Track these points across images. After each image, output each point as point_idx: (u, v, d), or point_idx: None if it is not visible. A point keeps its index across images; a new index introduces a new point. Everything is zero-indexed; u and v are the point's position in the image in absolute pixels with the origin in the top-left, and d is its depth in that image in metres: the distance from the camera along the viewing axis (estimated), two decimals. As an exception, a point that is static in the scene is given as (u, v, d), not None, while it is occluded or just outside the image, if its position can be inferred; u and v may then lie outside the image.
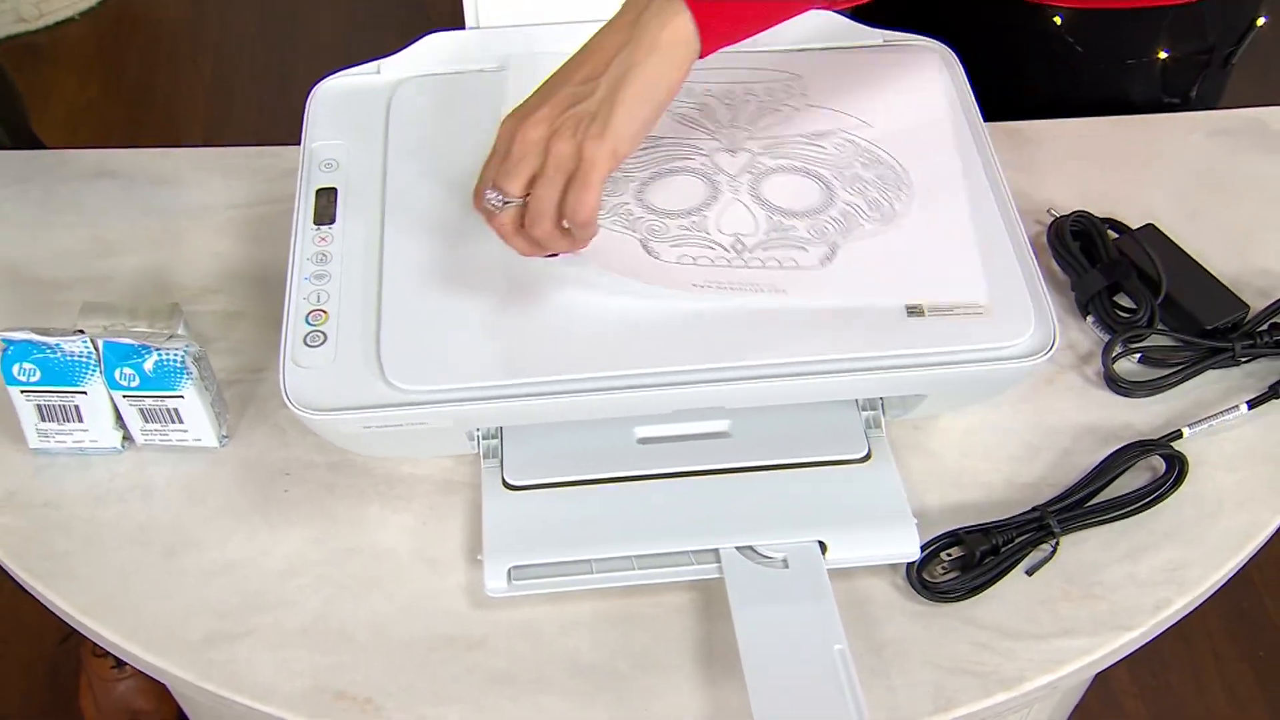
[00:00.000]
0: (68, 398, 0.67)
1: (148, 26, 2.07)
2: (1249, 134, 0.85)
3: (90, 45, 2.03)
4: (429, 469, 0.70)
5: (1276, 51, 1.80)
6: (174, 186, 0.83)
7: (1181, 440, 0.69)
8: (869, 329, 0.63)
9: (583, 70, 0.59)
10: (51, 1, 2.06)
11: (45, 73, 1.97)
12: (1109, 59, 0.88)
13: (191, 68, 2.00)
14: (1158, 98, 0.91)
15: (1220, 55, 0.90)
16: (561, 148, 0.58)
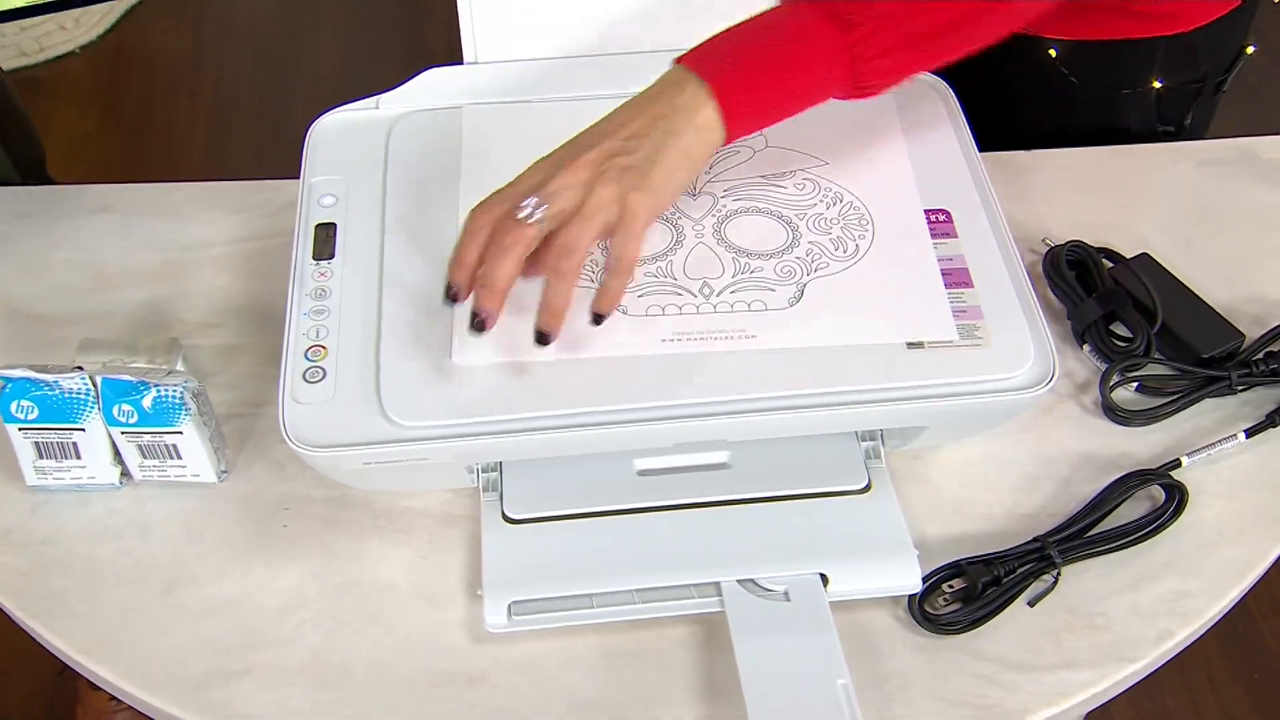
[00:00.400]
0: (65, 434, 0.66)
1: (147, 59, 2.08)
2: (1241, 163, 0.86)
3: (89, 79, 2.03)
4: (428, 502, 0.69)
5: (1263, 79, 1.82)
6: (173, 221, 0.83)
7: (1180, 469, 0.69)
8: (869, 361, 0.62)
9: (627, 129, 0.61)
10: (52, 36, 2.06)
11: (45, 106, 1.97)
12: (1104, 89, 0.88)
13: (190, 100, 2.00)
14: (1152, 127, 0.92)
15: (1211, 83, 0.91)
16: (605, 192, 0.59)
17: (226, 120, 1.97)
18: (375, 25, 2.12)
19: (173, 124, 1.97)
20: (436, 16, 2.10)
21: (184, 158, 1.92)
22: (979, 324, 0.64)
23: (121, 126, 1.97)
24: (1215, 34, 0.88)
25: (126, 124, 1.97)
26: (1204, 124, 0.94)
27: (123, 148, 1.94)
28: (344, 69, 2.04)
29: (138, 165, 1.90)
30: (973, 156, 0.73)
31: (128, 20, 2.11)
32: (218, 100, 2.00)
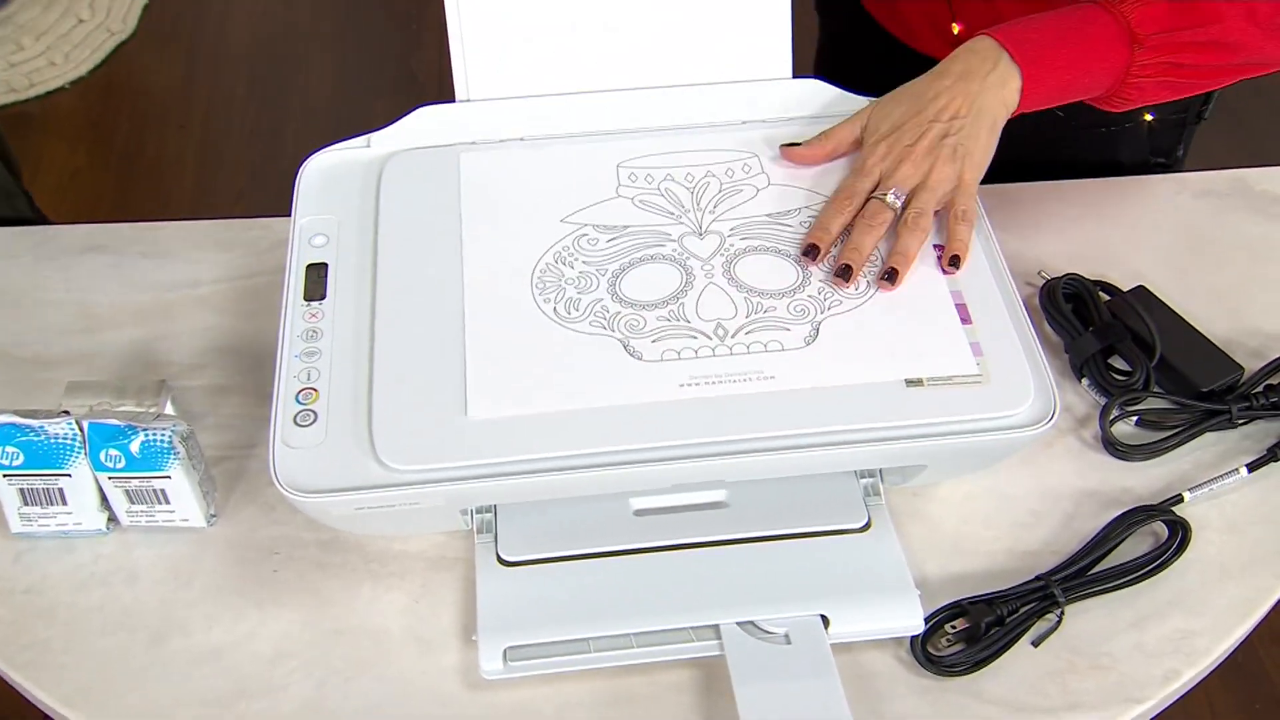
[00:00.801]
0: (51, 480, 0.64)
1: (137, 94, 2.07)
2: (1234, 194, 0.85)
3: (80, 113, 2.02)
4: (421, 545, 0.67)
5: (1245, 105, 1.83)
6: (162, 260, 0.82)
7: (1182, 505, 0.68)
8: (868, 400, 0.61)
9: (949, 110, 0.71)
10: (42, 72, 2.06)
11: (35, 141, 1.96)
12: (1096, 124, 0.88)
13: (180, 134, 1.99)
14: (1146, 159, 0.91)
15: (1194, 112, 0.91)
16: (944, 171, 0.70)
17: (217, 152, 1.97)
18: (365, 57, 2.11)
19: (163, 157, 1.96)
20: (427, 49, 2.10)
21: (174, 190, 1.91)
22: (979, 360, 0.63)
23: (111, 160, 1.96)
24: None
25: (117, 158, 1.96)
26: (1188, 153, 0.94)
27: (113, 182, 1.92)
28: (334, 101, 2.04)
29: (128, 199, 1.89)
30: (969, 191, 0.72)
31: (118, 55, 2.11)
32: (208, 132, 1.99)
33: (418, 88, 2.04)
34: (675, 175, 0.72)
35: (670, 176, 0.72)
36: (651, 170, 0.73)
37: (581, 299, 0.66)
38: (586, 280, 0.67)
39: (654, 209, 0.71)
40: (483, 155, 0.74)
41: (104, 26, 2.14)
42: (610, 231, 0.69)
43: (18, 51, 2.08)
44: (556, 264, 0.67)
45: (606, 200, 0.71)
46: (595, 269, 0.67)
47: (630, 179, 0.72)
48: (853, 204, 0.69)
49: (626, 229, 0.69)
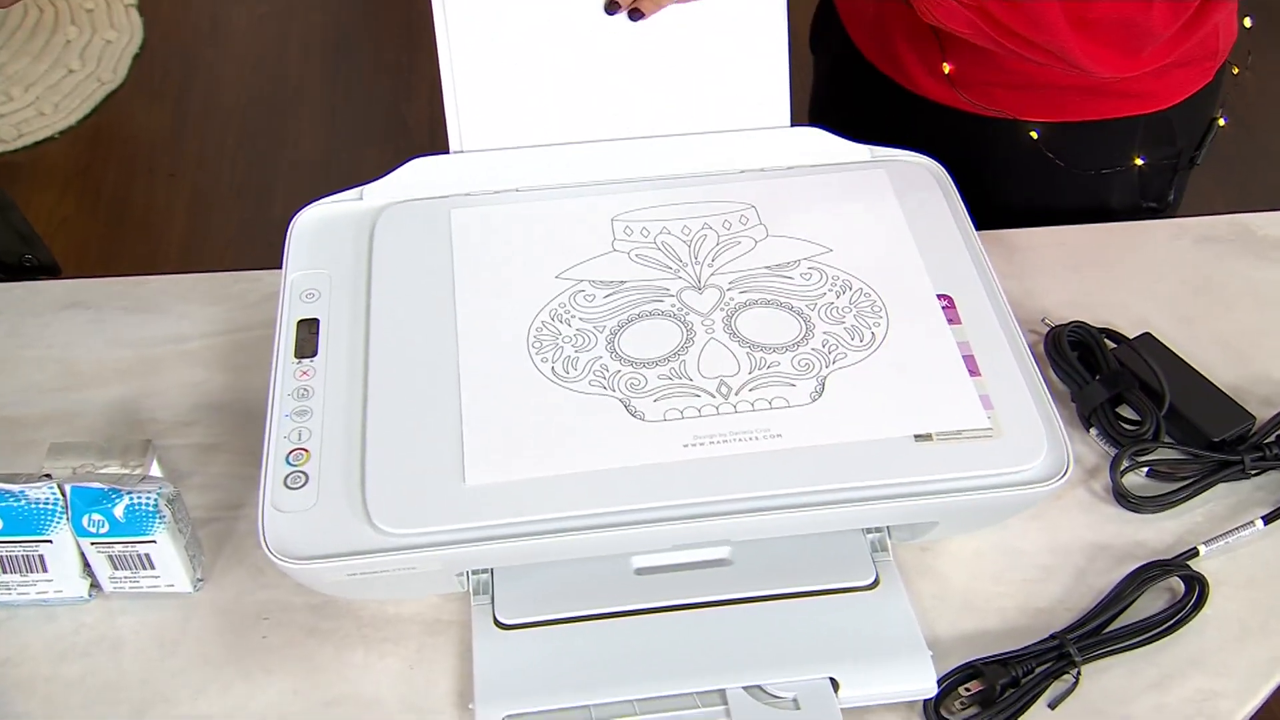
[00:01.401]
0: (32, 548, 0.62)
1: (126, 143, 2.06)
2: (1236, 239, 0.84)
3: (68, 163, 2.01)
4: (416, 608, 0.65)
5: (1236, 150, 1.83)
6: (148, 315, 0.80)
7: (1197, 559, 0.66)
8: (876, 456, 0.60)
9: None
10: (31, 122, 2.05)
11: (23, 191, 1.94)
12: (1087, 169, 0.88)
13: (170, 183, 1.98)
14: (1137, 203, 0.91)
15: (1186, 157, 0.91)
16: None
17: (206, 201, 1.95)
18: (357, 107, 2.11)
19: (152, 206, 1.95)
20: (418, 98, 2.10)
21: (163, 239, 1.89)
22: (989, 414, 0.61)
23: (100, 210, 1.94)
24: (1189, 109, 0.88)
25: (105, 207, 1.95)
26: (1181, 198, 0.94)
27: (100, 231, 1.91)
28: (325, 150, 2.03)
29: (115, 248, 1.87)
30: (972, 239, 0.71)
31: (108, 104, 2.10)
32: (198, 181, 1.98)
33: (409, 137, 2.04)
34: (671, 228, 0.71)
35: (666, 230, 0.71)
36: (647, 224, 0.71)
37: (580, 358, 0.64)
38: (584, 338, 0.65)
39: (651, 263, 0.69)
40: (474, 210, 0.72)
41: (94, 76, 2.14)
42: (607, 287, 0.68)
43: (7, 102, 2.07)
44: (553, 321, 0.66)
45: (602, 255, 0.70)
46: (593, 326, 0.66)
47: (626, 233, 0.71)
48: None
49: (624, 284, 0.68)
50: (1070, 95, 0.85)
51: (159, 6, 2.27)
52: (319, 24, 2.26)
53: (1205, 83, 0.87)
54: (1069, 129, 0.87)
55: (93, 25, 2.22)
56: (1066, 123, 0.86)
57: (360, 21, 2.27)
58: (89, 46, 2.18)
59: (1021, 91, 0.85)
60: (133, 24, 2.24)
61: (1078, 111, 0.86)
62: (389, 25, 2.24)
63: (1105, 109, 0.86)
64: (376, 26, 2.25)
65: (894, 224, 0.71)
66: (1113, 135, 0.88)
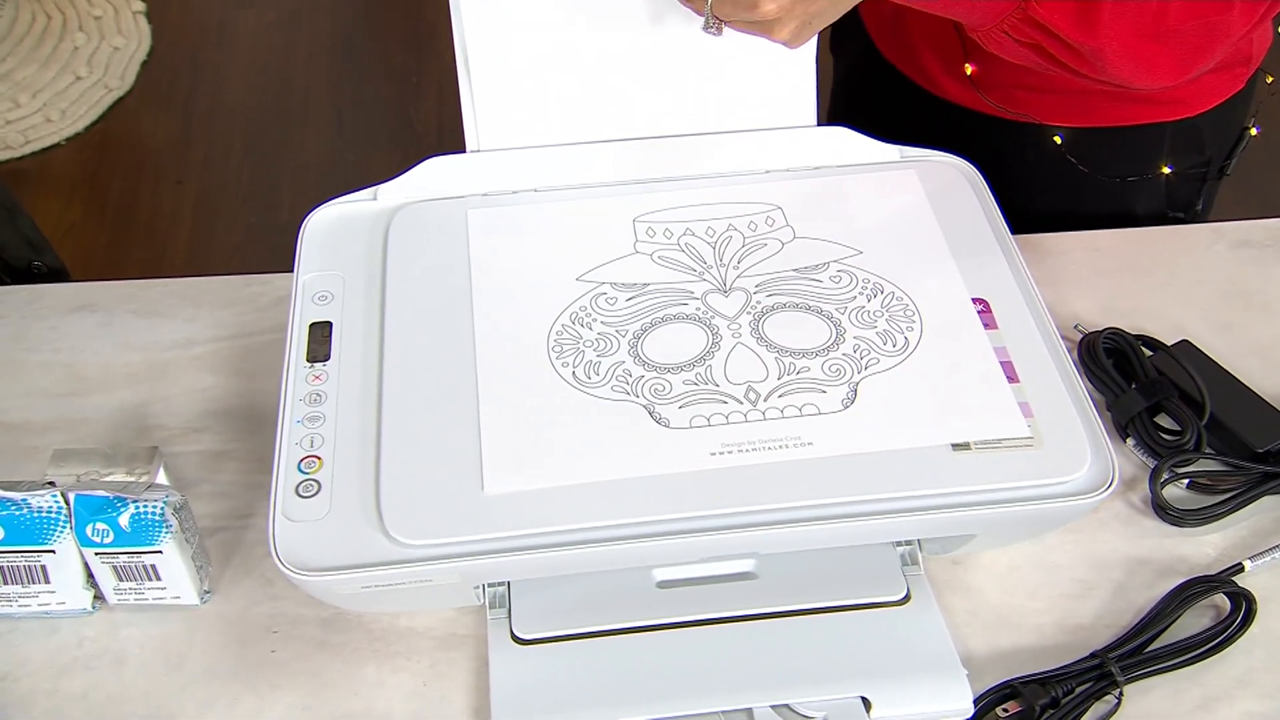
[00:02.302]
0: (34, 558, 0.60)
1: (134, 149, 2.05)
2: (1274, 245, 0.82)
3: (75, 169, 2.00)
4: (430, 621, 0.63)
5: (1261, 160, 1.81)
6: (156, 318, 0.78)
7: (1243, 574, 0.63)
8: (911, 466, 0.57)
9: None
10: (39, 129, 2.04)
11: (30, 198, 1.93)
12: (1112, 176, 0.86)
13: (177, 188, 1.97)
14: (1163, 212, 0.89)
15: (1216, 167, 0.88)
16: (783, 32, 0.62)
17: (213, 205, 1.94)
18: (363, 110, 2.10)
19: (158, 212, 1.93)
20: (426, 101, 2.08)
21: (169, 245, 1.88)
22: (1029, 422, 0.59)
23: (106, 216, 1.93)
24: (1219, 117, 0.86)
25: (111, 213, 1.93)
26: (1209, 208, 0.92)
27: (107, 237, 1.89)
28: (332, 154, 2.02)
29: (121, 255, 1.86)
30: (1007, 242, 0.68)
31: (115, 111, 2.09)
32: (204, 187, 1.97)
33: (416, 141, 2.02)
34: (695, 229, 0.69)
35: (690, 231, 0.69)
36: (670, 225, 0.69)
37: (602, 362, 0.62)
38: (606, 342, 0.63)
39: (674, 265, 0.67)
40: (491, 211, 0.70)
41: (101, 83, 2.12)
42: (629, 290, 0.66)
43: (14, 109, 2.06)
44: (573, 325, 0.64)
45: (624, 257, 0.67)
46: (615, 330, 0.63)
47: (648, 234, 0.69)
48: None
49: (646, 287, 0.66)
50: (1095, 100, 0.83)
51: (167, 13, 2.26)
52: (326, 29, 2.25)
53: (1237, 90, 0.85)
54: (1094, 134, 0.85)
55: (101, 32, 2.21)
56: (1091, 128, 0.84)
57: (367, 26, 2.26)
58: (97, 53, 2.17)
59: (1045, 95, 0.84)
60: (140, 31, 2.23)
61: (1103, 117, 0.84)
62: (396, 29, 2.23)
63: (1132, 115, 0.84)
64: (383, 31, 2.24)
65: (926, 225, 0.69)
66: (1139, 142, 0.85)
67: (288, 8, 2.29)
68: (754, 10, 0.61)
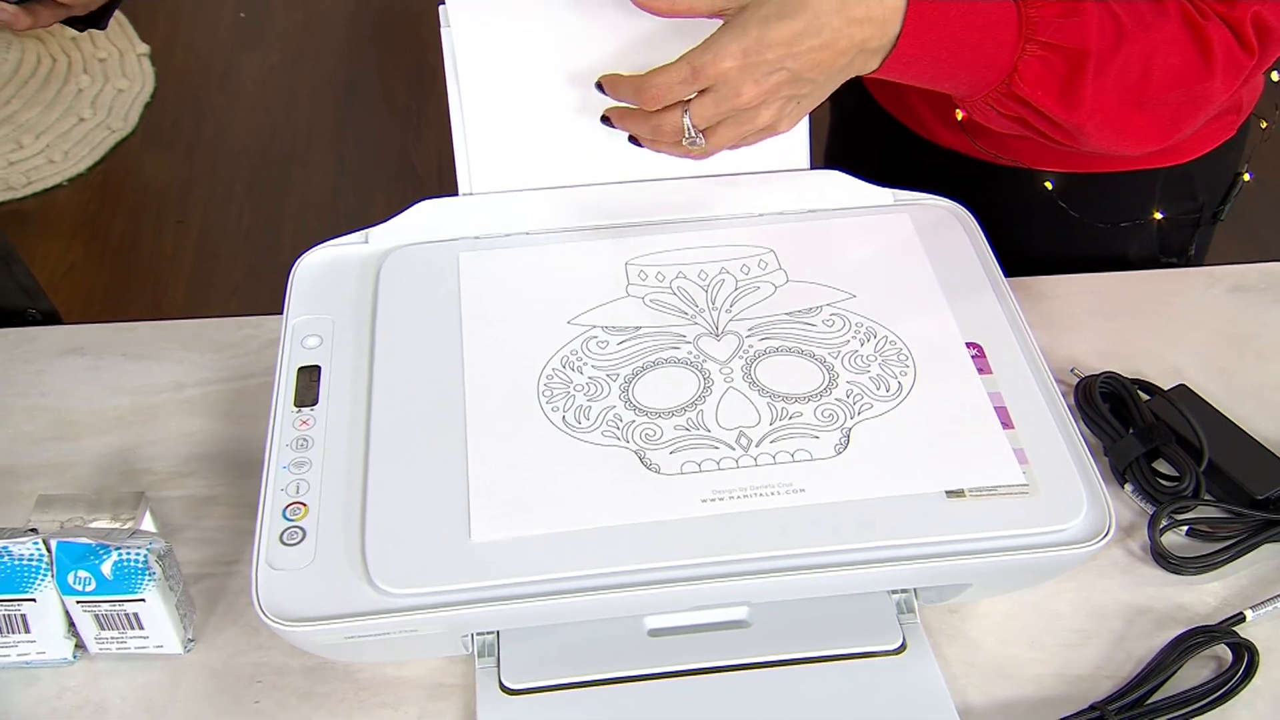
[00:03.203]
0: (14, 606, 0.59)
1: (135, 190, 2.05)
2: (1269, 289, 0.81)
3: (76, 210, 2.00)
4: (417, 670, 0.61)
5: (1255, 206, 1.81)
6: (146, 362, 0.77)
7: (1244, 624, 0.62)
8: (905, 513, 0.56)
9: (815, 69, 0.61)
10: (41, 170, 2.04)
11: (31, 239, 1.93)
12: (1104, 221, 0.85)
13: (177, 230, 1.97)
14: (1155, 256, 0.88)
15: (1209, 213, 0.88)
16: (765, 119, 0.63)
17: (213, 247, 1.94)
18: (365, 151, 2.10)
19: (159, 252, 1.93)
20: (426, 142, 2.09)
21: (169, 286, 1.88)
22: (1025, 469, 0.58)
23: (107, 256, 1.93)
24: (1211, 164, 0.86)
25: (112, 253, 1.93)
26: (1202, 253, 0.91)
27: (107, 277, 1.89)
28: (333, 195, 2.02)
29: (121, 295, 1.86)
30: (1001, 286, 0.68)
31: (118, 152, 2.10)
32: (205, 227, 1.97)
33: (417, 181, 2.03)
34: (687, 273, 0.68)
35: (682, 274, 0.68)
36: (662, 268, 0.69)
37: (592, 407, 0.61)
38: (597, 386, 0.62)
39: (666, 309, 0.66)
40: (482, 254, 0.70)
41: (104, 125, 2.13)
42: (621, 333, 0.65)
43: (17, 150, 2.06)
44: (564, 369, 0.63)
45: (615, 300, 0.67)
46: (606, 374, 0.63)
47: (640, 277, 0.68)
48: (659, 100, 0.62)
49: (638, 330, 0.65)
50: None
51: (171, 56, 2.28)
52: (329, 70, 2.26)
53: (1228, 137, 0.85)
54: (1085, 180, 0.84)
55: (105, 74, 2.23)
56: (1082, 174, 0.84)
57: (369, 68, 2.27)
58: (100, 95, 2.18)
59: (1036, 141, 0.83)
60: (145, 73, 2.24)
61: (1094, 163, 0.84)
62: (398, 71, 2.25)
63: (1122, 161, 0.84)
64: (386, 73, 2.25)
65: (919, 269, 0.68)
66: (1130, 188, 0.85)
67: (291, 50, 2.30)
68: (737, 99, 0.61)
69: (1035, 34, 0.63)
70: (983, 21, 0.63)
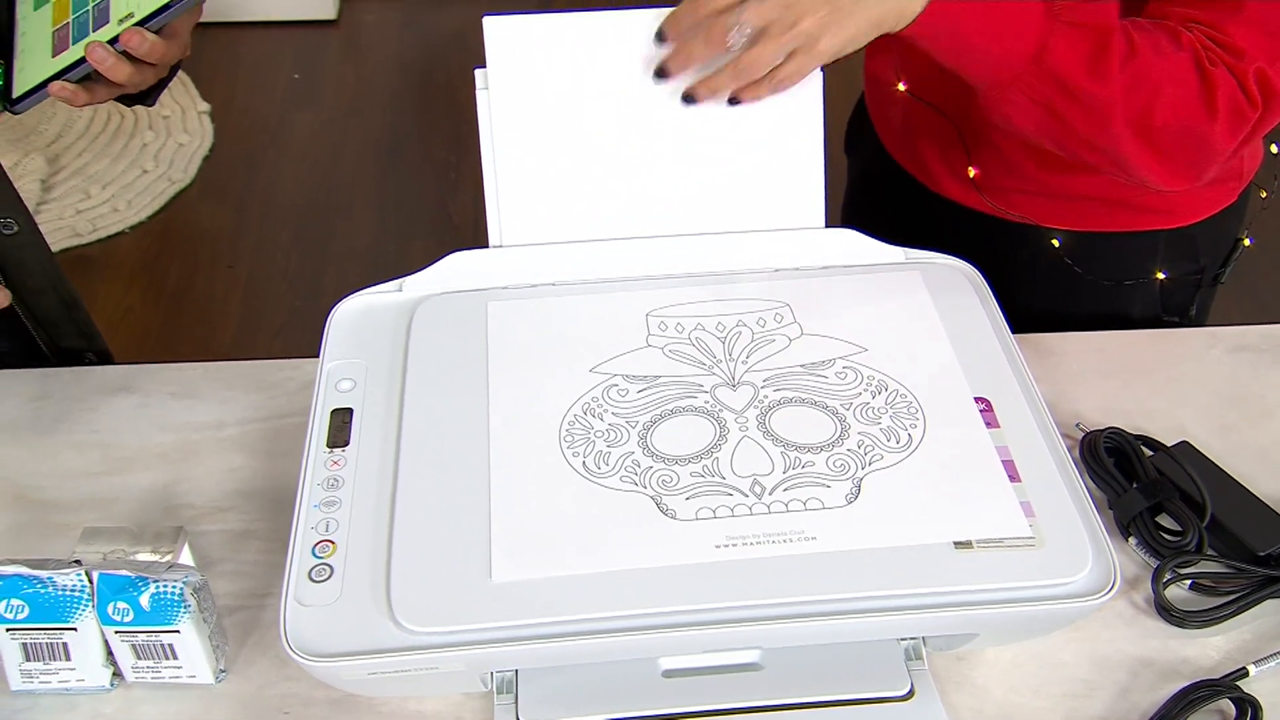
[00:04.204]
0: (56, 635, 0.58)
1: (191, 237, 2.08)
2: (1270, 350, 0.80)
3: (136, 255, 2.02)
4: (438, 705, 0.60)
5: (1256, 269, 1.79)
6: (191, 400, 0.77)
7: (1248, 679, 0.60)
8: (914, 563, 0.55)
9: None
10: (105, 217, 2.07)
11: (94, 282, 1.96)
12: (1108, 279, 0.84)
13: (228, 274, 1.99)
14: (1158, 315, 0.87)
15: (1210, 275, 0.87)
16: (806, 27, 0.63)
17: (261, 290, 1.96)
18: (405, 204, 2.12)
19: (211, 296, 1.95)
20: (463, 196, 2.11)
21: (220, 326, 1.90)
22: (1031, 522, 0.57)
23: (162, 299, 1.95)
24: (1213, 228, 0.85)
25: (168, 296, 1.95)
26: (1204, 313, 0.90)
27: (161, 319, 1.91)
28: (374, 244, 2.04)
29: (174, 336, 1.87)
30: (1008, 342, 0.67)
31: (177, 202, 2.13)
32: (254, 273, 1.99)
33: (454, 232, 2.04)
34: (706, 325, 0.68)
35: (701, 326, 0.68)
36: (682, 320, 0.68)
37: (611, 453, 0.60)
38: (616, 433, 0.61)
39: (685, 359, 0.66)
40: (510, 303, 0.69)
41: (165, 176, 2.17)
42: (640, 382, 0.64)
43: (85, 199, 2.10)
44: (585, 415, 0.62)
45: (636, 350, 0.66)
46: (625, 421, 0.62)
47: (660, 328, 0.68)
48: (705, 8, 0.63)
49: (657, 380, 0.64)
50: (1092, 206, 0.82)
51: (229, 113, 2.32)
52: (374, 128, 2.29)
53: (1229, 203, 0.84)
54: (1090, 239, 0.83)
55: (168, 130, 2.27)
56: (1088, 232, 0.83)
57: (412, 126, 2.30)
58: (163, 149, 2.22)
59: (1044, 199, 0.83)
60: (204, 129, 2.28)
61: (1099, 222, 0.83)
62: (438, 129, 2.27)
63: (1126, 221, 0.83)
64: (427, 130, 2.28)
65: (930, 325, 0.67)
66: (1134, 248, 0.84)
67: (340, 108, 2.34)
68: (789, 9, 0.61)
69: (1061, 15, 0.65)
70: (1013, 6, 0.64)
